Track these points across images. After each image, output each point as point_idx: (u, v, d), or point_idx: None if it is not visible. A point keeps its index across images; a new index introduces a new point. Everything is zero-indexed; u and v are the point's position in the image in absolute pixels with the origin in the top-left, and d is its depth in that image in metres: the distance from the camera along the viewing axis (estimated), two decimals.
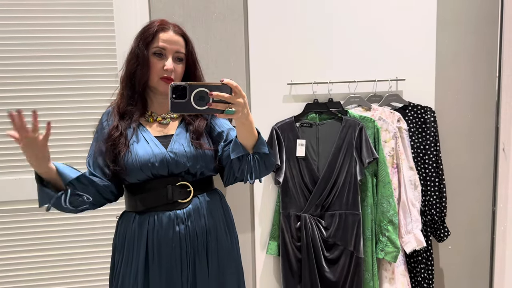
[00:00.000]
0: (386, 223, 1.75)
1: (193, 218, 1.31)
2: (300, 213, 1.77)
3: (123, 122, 1.32)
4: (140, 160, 1.26)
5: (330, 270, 1.76)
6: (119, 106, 1.34)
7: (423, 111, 1.85)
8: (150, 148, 1.28)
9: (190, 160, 1.30)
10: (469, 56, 1.93)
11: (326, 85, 1.82)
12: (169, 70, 1.31)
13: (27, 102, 1.75)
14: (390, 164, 1.79)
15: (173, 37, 1.33)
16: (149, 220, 1.29)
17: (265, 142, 1.30)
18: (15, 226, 1.80)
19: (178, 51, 1.34)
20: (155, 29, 1.31)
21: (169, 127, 1.37)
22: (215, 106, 1.12)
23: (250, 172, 1.30)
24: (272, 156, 1.34)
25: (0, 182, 1.76)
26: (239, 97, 1.12)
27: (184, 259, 1.29)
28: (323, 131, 1.80)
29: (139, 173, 1.27)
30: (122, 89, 1.36)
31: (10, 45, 1.73)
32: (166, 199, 1.29)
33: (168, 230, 1.28)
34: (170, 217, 1.28)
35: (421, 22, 1.87)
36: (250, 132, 1.24)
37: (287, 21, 1.82)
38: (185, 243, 1.29)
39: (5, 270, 1.82)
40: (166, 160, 1.28)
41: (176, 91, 1.12)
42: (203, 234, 1.32)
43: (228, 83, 1.11)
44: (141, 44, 1.31)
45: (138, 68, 1.31)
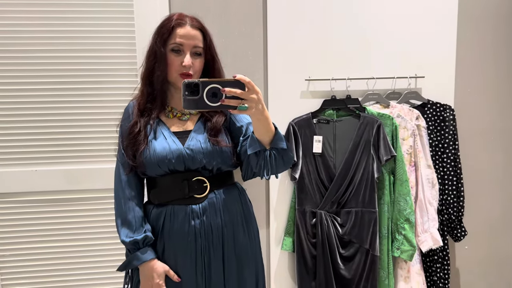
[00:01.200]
0: (402, 221, 1.74)
1: (209, 213, 1.31)
2: (315, 210, 1.77)
3: (143, 119, 1.32)
4: (157, 156, 1.28)
5: (345, 267, 1.75)
6: (139, 103, 1.35)
7: (442, 109, 1.82)
8: (167, 144, 1.29)
9: (206, 157, 1.30)
10: (490, 53, 1.90)
11: (344, 81, 1.80)
12: (187, 66, 1.30)
13: (48, 95, 1.77)
14: (408, 162, 1.77)
15: (190, 32, 1.31)
16: (165, 213, 1.31)
17: (283, 137, 1.28)
18: (35, 217, 1.83)
19: (196, 45, 1.32)
20: (172, 24, 1.30)
21: (188, 123, 1.37)
22: (227, 102, 1.11)
23: (267, 168, 1.29)
24: (290, 151, 1.32)
25: (18, 173, 1.78)
26: (252, 93, 1.11)
27: (199, 253, 1.30)
28: (340, 128, 1.79)
29: (156, 168, 1.29)
30: (142, 86, 1.37)
31: (31, 44, 1.74)
32: (182, 193, 1.30)
33: (183, 224, 1.29)
34: (186, 211, 1.30)
35: (442, 19, 1.84)
36: (266, 127, 1.22)
37: (306, 16, 1.81)
38: (200, 238, 1.30)
39: (18, 260, 1.85)
40: (182, 156, 1.29)
41: (188, 88, 1.12)
42: (218, 229, 1.32)
43: (240, 79, 1.10)
44: (158, 41, 1.30)
45: (156, 65, 1.31)
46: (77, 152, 1.80)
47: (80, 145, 1.80)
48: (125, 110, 1.41)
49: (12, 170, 1.78)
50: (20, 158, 1.79)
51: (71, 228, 1.84)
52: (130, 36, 1.76)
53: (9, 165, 1.79)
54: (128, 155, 1.31)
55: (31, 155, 1.79)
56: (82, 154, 1.81)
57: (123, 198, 1.33)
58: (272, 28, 1.81)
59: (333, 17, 1.82)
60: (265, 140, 1.26)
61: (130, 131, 1.31)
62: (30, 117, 1.77)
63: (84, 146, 1.80)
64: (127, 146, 1.31)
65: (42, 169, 1.78)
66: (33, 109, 1.77)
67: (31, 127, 1.78)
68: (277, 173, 1.33)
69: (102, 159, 1.80)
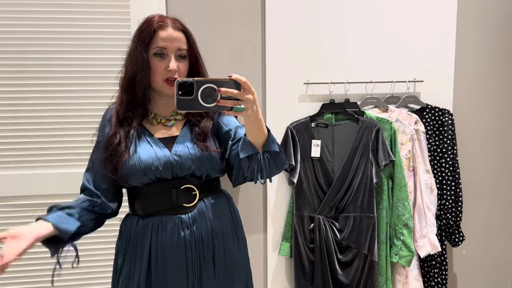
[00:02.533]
0: (401, 226, 1.73)
1: (199, 222, 1.25)
2: (313, 215, 1.75)
3: (122, 129, 1.25)
4: (143, 164, 1.21)
5: (343, 272, 1.74)
6: (118, 112, 1.27)
7: (441, 113, 1.82)
8: (153, 151, 1.23)
9: (195, 163, 1.24)
10: (489, 58, 1.89)
11: (343, 85, 1.79)
12: (172, 71, 1.23)
13: (43, 97, 1.75)
14: (406, 167, 1.76)
15: (173, 34, 1.24)
16: (152, 224, 1.24)
17: (275, 140, 1.23)
18: (25, 221, 1.76)
19: (179, 48, 1.25)
20: (153, 27, 1.23)
21: (173, 129, 1.30)
22: (223, 103, 1.06)
23: (260, 172, 1.22)
24: (283, 155, 1.26)
25: (16, 176, 1.76)
26: (248, 93, 1.06)
27: (190, 265, 1.24)
28: (339, 132, 1.78)
29: (142, 176, 1.22)
30: (121, 94, 1.28)
31: (25, 50, 1.73)
32: (170, 203, 1.24)
33: (172, 235, 1.22)
34: (175, 221, 1.23)
35: (440, 23, 1.83)
36: (259, 130, 1.17)
37: (304, 20, 1.79)
38: (190, 249, 1.23)
39: (23, 264, 1.81)
40: (170, 163, 1.22)
41: (182, 88, 1.06)
42: (209, 239, 1.26)
43: (236, 78, 1.05)
44: (139, 46, 1.23)
45: (138, 72, 1.23)
46: (70, 156, 1.78)
47: (74, 149, 1.77)
48: (102, 118, 1.33)
49: (5, 174, 1.75)
50: (13, 161, 1.76)
51: None
52: (127, 37, 1.73)
53: (6, 169, 1.76)
54: (107, 169, 1.23)
55: (24, 158, 1.76)
56: (75, 157, 1.78)
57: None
58: (271, 31, 1.79)
59: (331, 20, 1.80)
60: (258, 142, 1.20)
61: (109, 142, 1.23)
62: (24, 120, 1.75)
63: (78, 149, 1.77)
64: (106, 159, 1.22)
65: (36, 172, 1.75)
66: (26, 111, 1.74)
67: (25, 130, 1.75)
68: (270, 177, 1.27)
69: None
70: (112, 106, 1.33)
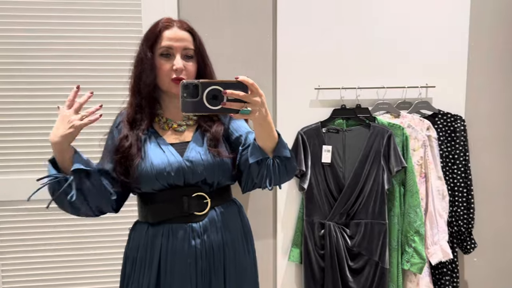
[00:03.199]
0: (412, 233, 1.71)
1: (210, 231, 1.22)
2: (324, 221, 1.74)
3: (133, 132, 1.23)
4: (155, 169, 1.18)
5: (354, 280, 1.72)
6: (128, 115, 1.26)
7: (453, 119, 1.80)
8: (165, 156, 1.20)
9: (207, 169, 1.21)
10: (502, 63, 1.88)
11: (354, 90, 1.78)
12: (179, 70, 1.21)
13: (49, 102, 1.75)
14: (418, 173, 1.75)
15: (178, 33, 1.23)
16: (163, 232, 1.22)
17: (286, 145, 1.18)
18: (37, 225, 1.81)
19: (186, 47, 1.23)
20: (159, 28, 1.22)
21: (185, 134, 1.28)
22: (229, 106, 1.01)
23: (269, 178, 1.17)
24: (293, 161, 1.21)
25: (18, 181, 1.77)
26: (255, 95, 1.01)
27: (199, 275, 1.21)
28: (350, 138, 1.76)
29: (154, 182, 1.19)
30: (131, 97, 1.29)
31: (32, 52, 1.73)
32: (181, 211, 1.21)
33: (183, 244, 1.20)
34: (186, 230, 1.20)
35: (453, 29, 1.82)
36: (269, 134, 1.12)
37: (316, 25, 1.79)
38: (200, 259, 1.21)
39: (20, 269, 1.82)
40: (182, 168, 1.19)
41: (187, 90, 1.02)
42: (220, 249, 1.23)
43: (243, 80, 1.00)
44: (144, 46, 1.23)
45: (143, 72, 1.23)
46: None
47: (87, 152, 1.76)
48: (113, 122, 1.33)
49: (15, 178, 1.76)
50: (21, 165, 1.77)
51: (71, 236, 1.82)
52: (138, 42, 1.73)
53: (10, 173, 1.77)
54: (119, 172, 1.21)
55: (32, 162, 1.77)
56: None
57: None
58: (282, 36, 1.78)
59: (343, 26, 1.79)
60: (267, 147, 1.15)
61: (120, 144, 1.21)
62: (31, 124, 1.76)
63: (85, 154, 1.76)
64: (118, 161, 1.21)
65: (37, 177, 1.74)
66: (33, 115, 1.76)
67: (32, 134, 1.76)
68: (280, 183, 1.21)
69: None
70: (122, 111, 1.32)
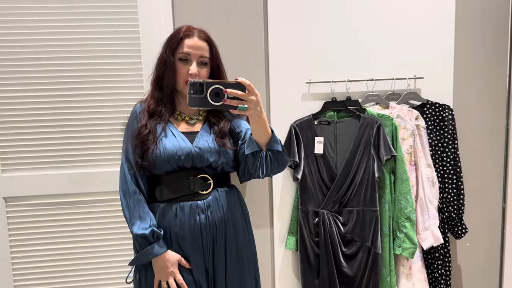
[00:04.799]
0: (403, 219, 1.77)
1: (213, 208, 1.41)
2: (318, 209, 1.81)
3: (152, 121, 1.41)
4: (168, 153, 1.36)
5: (347, 265, 1.79)
6: (149, 106, 1.44)
7: (441, 109, 1.85)
8: (177, 142, 1.38)
9: (213, 155, 1.40)
10: (488, 53, 1.92)
11: (345, 83, 1.84)
12: (193, 75, 1.39)
13: (56, 101, 1.82)
14: (408, 162, 1.81)
15: (198, 43, 1.42)
16: (172, 208, 1.39)
17: (279, 140, 1.38)
18: (46, 219, 1.88)
19: (202, 56, 1.42)
20: (181, 35, 1.41)
21: (195, 126, 1.47)
22: (229, 102, 1.22)
23: (262, 168, 1.38)
24: (285, 154, 1.41)
25: (30, 177, 1.84)
26: (252, 94, 1.23)
27: (205, 246, 1.39)
28: (341, 129, 1.83)
29: (166, 165, 1.38)
30: (152, 91, 1.47)
31: (39, 50, 1.79)
32: (188, 189, 1.39)
33: (190, 219, 1.38)
34: (192, 207, 1.39)
35: (439, 20, 1.87)
36: (263, 129, 1.33)
37: (306, 20, 1.85)
38: (205, 232, 1.39)
39: (29, 262, 1.89)
40: (191, 154, 1.38)
41: (194, 87, 1.23)
42: (221, 225, 1.42)
43: (242, 81, 1.22)
44: (168, 51, 1.41)
45: (165, 73, 1.42)
46: (85, 156, 1.85)
47: (88, 149, 1.85)
48: (132, 111, 1.49)
49: (23, 175, 1.83)
50: (31, 162, 1.84)
51: (81, 230, 1.89)
52: (135, 43, 1.81)
53: (20, 170, 1.84)
54: (137, 154, 1.38)
55: (41, 159, 1.84)
56: (90, 158, 1.85)
57: (129, 193, 1.39)
58: (273, 31, 1.85)
59: (333, 20, 1.85)
60: (262, 141, 1.36)
61: (139, 131, 1.39)
62: (40, 123, 1.82)
63: (92, 150, 1.85)
64: (136, 146, 1.38)
65: (52, 173, 1.84)
66: (42, 115, 1.82)
67: (41, 133, 1.83)
68: (271, 174, 1.43)
69: (110, 163, 1.85)
70: (140, 103, 1.50)
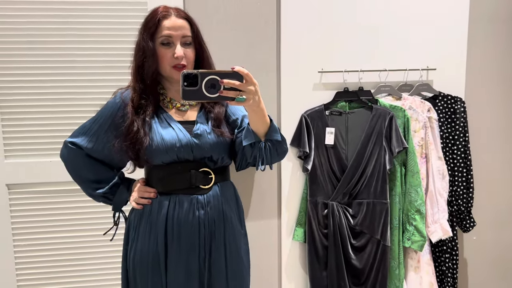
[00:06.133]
0: (413, 212, 1.76)
1: (212, 204, 1.34)
2: (327, 201, 1.79)
3: (139, 117, 1.30)
4: (166, 144, 1.28)
5: (356, 257, 1.78)
6: (133, 100, 1.32)
7: (453, 101, 1.84)
8: (175, 133, 1.30)
9: (212, 147, 1.32)
10: (501, 46, 1.91)
11: (357, 73, 1.81)
12: (179, 58, 1.29)
13: (62, 86, 1.79)
14: (419, 154, 1.79)
15: (177, 22, 1.30)
16: (170, 200, 1.32)
17: (278, 129, 1.31)
18: (50, 207, 1.85)
19: (184, 35, 1.30)
20: (157, 17, 1.28)
21: (188, 114, 1.37)
22: (226, 94, 1.13)
23: (261, 159, 1.31)
24: (284, 143, 1.35)
25: (34, 164, 1.80)
26: (250, 84, 1.13)
27: (202, 243, 1.32)
28: (353, 120, 1.80)
29: (164, 155, 1.29)
30: (133, 83, 1.34)
31: (43, 39, 1.76)
32: (189, 183, 1.32)
33: (188, 214, 1.31)
34: (191, 201, 1.31)
35: (453, 11, 1.84)
36: (261, 119, 1.25)
37: (319, 9, 1.81)
38: (204, 228, 1.32)
39: (33, 250, 1.87)
40: (190, 144, 1.30)
41: (187, 79, 1.13)
42: (220, 220, 1.35)
43: (239, 70, 1.12)
44: (145, 36, 1.29)
45: (145, 61, 1.30)
46: None
47: None
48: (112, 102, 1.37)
49: (27, 161, 1.80)
50: (35, 149, 1.80)
51: (85, 218, 1.86)
52: None
53: (24, 156, 1.80)
54: (128, 155, 1.31)
55: (46, 145, 1.80)
56: None
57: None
58: (286, 20, 1.81)
59: (345, 9, 1.82)
60: (260, 131, 1.29)
61: (128, 131, 1.29)
62: (44, 108, 1.79)
63: None
64: (128, 147, 1.29)
65: (57, 160, 1.77)
66: (47, 99, 1.78)
67: (46, 118, 1.79)
68: (271, 164, 1.35)
69: None
70: (121, 90, 1.38)
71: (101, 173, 1.40)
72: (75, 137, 1.38)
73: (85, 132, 1.37)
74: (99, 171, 1.40)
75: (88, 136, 1.36)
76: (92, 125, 1.37)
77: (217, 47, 1.38)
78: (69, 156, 1.39)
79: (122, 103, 1.34)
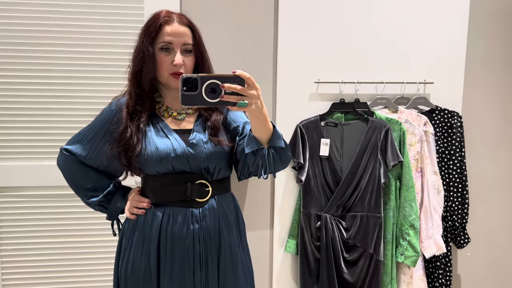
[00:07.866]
0: (407, 227, 1.74)
1: (208, 218, 1.29)
2: (320, 213, 1.76)
3: (133, 123, 1.27)
4: (160, 153, 1.24)
5: (348, 271, 1.75)
6: (128, 105, 1.29)
7: (450, 115, 1.82)
8: (170, 142, 1.26)
9: (208, 158, 1.28)
10: (499, 61, 1.90)
11: (354, 85, 1.80)
12: (178, 65, 1.25)
13: (54, 89, 1.76)
14: (414, 168, 1.77)
15: (179, 29, 1.26)
16: (164, 213, 1.28)
17: (281, 136, 1.25)
18: (38, 211, 1.82)
19: (185, 43, 1.27)
20: (159, 22, 1.24)
21: (184, 123, 1.33)
22: (227, 99, 1.07)
23: (264, 167, 1.25)
24: (288, 151, 1.28)
25: (23, 167, 1.78)
26: (252, 89, 1.08)
27: (196, 257, 1.27)
28: (348, 132, 1.78)
29: (158, 165, 1.25)
30: (130, 88, 1.31)
31: (37, 42, 1.74)
32: (183, 195, 1.27)
33: (182, 227, 1.26)
34: (186, 214, 1.27)
35: (452, 25, 1.84)
36: (264, 125, 1.19)
37: (316, 19, 1.80)
38: (198, 242, 1.27)
39: (19, 255, 1.83)
40: (185, 154, 1.25)
41: (187, 83, 1.08)
42: (216, 235, 1.30)
43: (240, 74, 1.06)
44: (145, 41, 1.25)
45: (144, 66, 1.26)
46: None
47: None
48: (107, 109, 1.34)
49: (18, 164, 1.77)
50: (26, 152, 1.78)
51: (75, 224, 1.83)
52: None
53: (14, 159, 1.78)
54: (121, 162, 1.28)
55: (36, 149, 1.78)
56: None
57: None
58: (283, 30, 1.80)
59: (343, 20, 1.81)
60: (263, 138, 1.22)
61: (121, 137, 1.26)
62: (36, 111, 1.77)
63: None
64: (120, 154, 1.27)
65: (47, 163, 1.77)
66: (39, 103, 1.76)
67: (36, 121, 1.77)
68: (275, 172, 1.30)
69: None
70: (117, 97, 1.36)
71: (96, 181, 1.37)
72: (70, 145, 1.36)
73: (80, 139, 1.35)
74: (94, 179, 1.37)
75: (83, 144, 1.34)
76: (87, 133, 1.34)
77: (213, 55, 1.36)
78: (65, 164, 1.37)
79: (118, 110, 1.31)
